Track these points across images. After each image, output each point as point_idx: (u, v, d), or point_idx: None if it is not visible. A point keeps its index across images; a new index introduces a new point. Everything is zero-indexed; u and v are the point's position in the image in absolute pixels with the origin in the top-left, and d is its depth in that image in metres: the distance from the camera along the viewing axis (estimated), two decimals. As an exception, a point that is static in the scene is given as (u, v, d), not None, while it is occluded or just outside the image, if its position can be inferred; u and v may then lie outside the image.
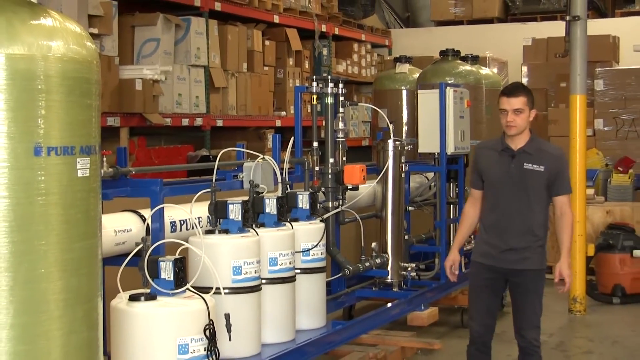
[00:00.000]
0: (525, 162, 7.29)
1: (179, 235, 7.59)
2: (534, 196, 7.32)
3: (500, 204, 7.38)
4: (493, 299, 7.57)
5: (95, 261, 5.55)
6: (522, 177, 7.29)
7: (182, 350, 6.07)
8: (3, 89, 5.06)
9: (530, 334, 7.46)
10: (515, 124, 7.23)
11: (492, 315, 7.59)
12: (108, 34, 11.08)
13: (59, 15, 5.42)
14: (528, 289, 7.44)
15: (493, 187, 7.44)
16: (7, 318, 5.10)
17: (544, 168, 7.29)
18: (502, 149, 7.41)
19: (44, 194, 5.17)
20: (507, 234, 7.33)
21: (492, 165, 7.45)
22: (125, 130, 11.28)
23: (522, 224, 7.33)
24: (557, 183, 7.39)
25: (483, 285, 7.47)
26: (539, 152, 7.36)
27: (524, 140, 7.34)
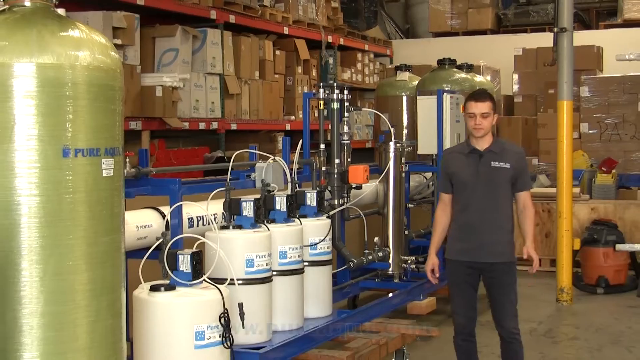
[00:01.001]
0: (492, 161, 7.30)
1: (196, 231, 7.60)
2: (501, 192, 7.33)
3: (472, 202, 7.35)
4: (472, 292, 7.49)
5: (119, 254, 5.56)
6: (490, 174, 7.30)
7: (199, 337, 6.07)
8: (34, 96, 5.07)
9: (510, 323, 7.40)
10: (482, 126, 7.25)
11: (473, 307, 7.53)
12: (131, 44, 11.08)
13: (85, 27, 5.42)
14: (503, 281, 7.39)
15: (464, 188, 7.40)
16: (38, 306, 5.11)
17: (510, 165, 7.30)
18: (469, 151, 7.40)
19: (72, 192, 5.18)
20: (480, 230, 7.30)
21: (462, 167, 7.42)
22: (146, 133, 11.28)
23: (493, 220, 7.32)
24: (520, 180, 7.41)
25: (462, 281, 7.44)
26: (503, 151, 7.37)
27: (488, 141, 7.35)
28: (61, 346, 5.20)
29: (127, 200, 6.03)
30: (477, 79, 13.02)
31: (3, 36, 5.11)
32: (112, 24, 10.63)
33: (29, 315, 5.11)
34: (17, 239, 5.08)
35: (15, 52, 5.06)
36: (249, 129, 13.71)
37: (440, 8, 20.61)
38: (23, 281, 5.10)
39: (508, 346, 7.44)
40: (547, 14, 19.37)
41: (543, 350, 9.75)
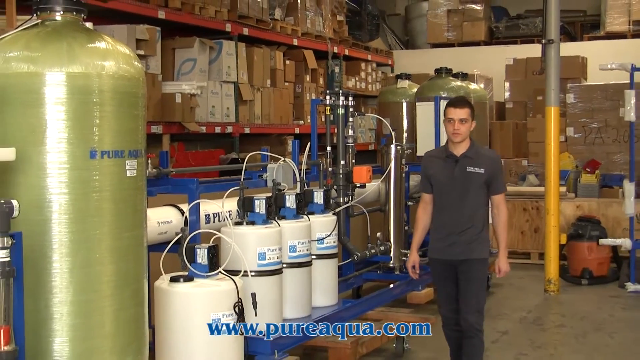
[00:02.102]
0: (467, 166, 7.15)
1: (212, 226, 7.61)
2: (475, 195, 7.18)
3: (447, 204, 7.23)
4: (452, 287, 7.31)
5: (142, 248, 5.58)
6: (465, 179, 7.15)
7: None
8: (64, 102, 5.09)
9: (472, 317, 7.18)
10: (460, 131, 7.11)
11: (456, 300, 7.29)
12: (152, 55, 11.08)
13: (111, 39, 5.44)
14: (472, 277, 7.20)
15: (440, 190, 7.28)
16: (68, 296, 5.14)
17: (484, 170, 7.15)
18: (446, 155, 7.27)
19: (98, 191, 5.20)
20: (454, 230, 7.17)
21: (439, 170, 7.29)
22: (166, 136, 11.28)
23: (466, 221, 7.17)
24: (494, 183, 7.24)
25: (442, 277, 7.35)
26: (478, 156, 7.21)
27: (465, 146, 7.20)
28: (89, 332, 5.22)
29: (149, 198, 6.04)
30: (472, 87, 13.02)
31: (36, 48, 5.13)
32: (135, 36, 10.64)
33: (60, 304, 5.13)
34: (48, 233, 5.10)
35: (47, 62, 5.08)
36: (261, 133, 13.71)
37: (437, 21, 20.60)
38: (54, 272, 5.12)
39: (468, 340, 7.24)
40: (536, 27, 19.36)
41: (532, 337, 9.75)
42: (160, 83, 11.23)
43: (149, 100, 10.32)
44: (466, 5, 20.48)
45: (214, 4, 12.40)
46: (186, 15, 11.83)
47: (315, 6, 15.74)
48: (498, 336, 9.70)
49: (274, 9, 14.33)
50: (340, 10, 17.06)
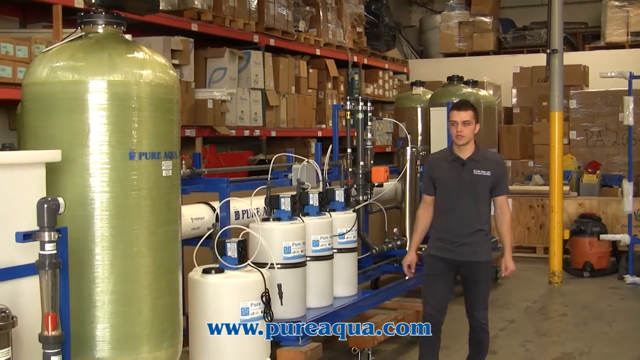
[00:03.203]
0: (474, 169, 6.87)
1: (241, 222, 7.62)
2: (481, 198, 6.90)
3: (454, 206, 6.90)
4: (446, 286, 7.02)
5: (176, 242, 5.60)
6: (473, 182, 6.86)
7: (244, 312, 6.09)
8: (105, 108, 5.11)
9: (480, 314, 6.95)
10: (464, 134, 6.81)
11: (445, 300, 7.04)
12: (186, 64, 11.10)
13: (148, 50, 5.47)
14: (479, 278, 6.94)
15: (447, 192, 6.95)
16: (109, 286, 5.17)
17: (490, 173, 6.87)
18: (452, 159, 6.96)
19: (136, 189, 5.22)
20: (461, 232, 6.87)
21: (446, 173, 6.98)
22: (199, 139, 11.30)
23: (473, 223, 6.87)
24: (499, 185, 6.95)
25: (437, 274, 6.98)
26: (484, 160, 6.93)
27: (471, 150, 6.91)
28: (128, 319, 5.25)
29: (183, 196, 6.06)
30: (481, 93, 13.01)
31: (80, 58, 5.17)
32: (170, 47, 10.67)
33: (101, 293, 5.17)
34: (91, 228, 5.13)
35: (90, 71, 5.11)
36: (286, 136, 13.71)
37: (449, 32, 20.56)
38: (96, 264, 5.15)
39: (476, 335, 7.04)
40: (541, 38, 19.28)
41: (537, 325, 9.74)
42: (194, 90, 11.25)
43: (182, 106, 10.35)
44: (476, 17, 20.43)
45: (243, 17, 12.41)
46: (217, 27, 11.85)
47: (336, 19, 15.74)
48: (505, 325, 9.69)
49: (298, 22, 14.34)
50: (360, 23, 17.05)
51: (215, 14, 11.78)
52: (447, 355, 8.12)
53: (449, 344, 8.25)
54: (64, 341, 4.60)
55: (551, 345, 8.96)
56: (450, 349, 8.25)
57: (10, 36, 8.32)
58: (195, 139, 11.23)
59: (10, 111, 9.16)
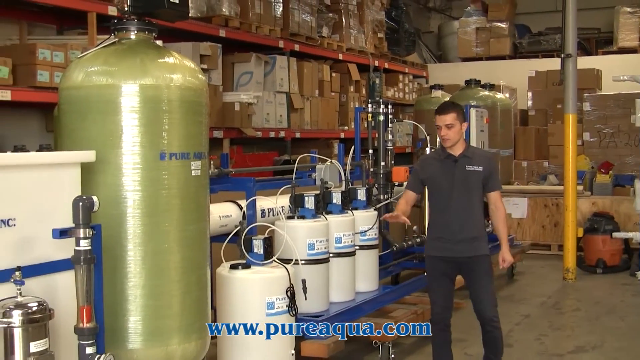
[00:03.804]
0: (466, 165, 6.75)
1: (267, 220, 7.63)
2: (475, 193, 6.78)
3: (449, 204, 6.74)
4: (450, 285, 6.92)
5: (205, 239, 5.62)
6: (465, 178, 6.74)
7: (269, 307, 6.10)
8: (137, 110, 5.14)
9: (490, 312, 6.77)
10: (448, 136, 6.71)
11: (450, 297, 6.95)
12: (214, 68, 11.12)
13: (178, 55, 5.49)
14: (481, 272, 6.79)
15: (441, 190, 6.83)
16: (140, 280, 5.19)
17: (482, 168, 6.76)
18: (444, 157, 6.83)
19: (167, 188, 5.24)
20: (457, 228, 6.70)
21: (438, 172, 6.84)
22: (227, 140, 11.32)
23: (468, 218, 6.75)
24: (491, 181, 6.81)
25: (440, 274, 6.86)
26: (475, 156, 6.83)
27: (461, 147, 6.79)
28: (159, 312, 5.27)
29: (211, 194, 6.08)
30: (498, 96, 12.99)
31: (113, 63, 5.20)
32: (199, 52, 10.69)
33: (134, 287, 5.19)
34: (124, 226, 5.16)
35: (122, 76, 5.13)
36: (310, 137, 13.71)
37: (467, 38, 20.52)
38: (129, 260, 5.18)
39: (489, 334, 6.84)
40: (555, 43, 19.23)
41: (551, 320, 9.71)
42: (221, 93, 11.27)
43: (211, 109, 10.37)
44: (493, 23, 20.41)
45: (268, 23, 12.43)
46: (244, 33, 11.87)
47: (358, 25, 15.73)
48: (521, 319, 9.67)
49: (322, 28, 14.35)
50: (380, 29, 17.04)
51: (242, 20, 11.80)
52: (465, 348, 8.11)
53: (465, 337, 8.25)
54: (98, 333, 4.63)
55: (565, 339, 8.93)
56: (466, 341, 8.24)
57: (48, 42, 8.38)
58: (223, 140, 11.25)
59: (47, 114, 9.22)
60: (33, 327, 4.24)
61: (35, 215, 4.64)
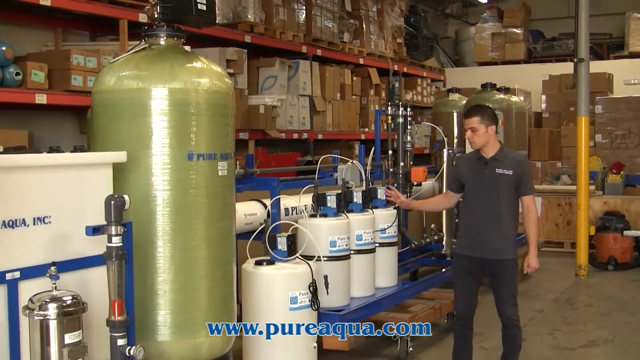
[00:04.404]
0: (496, 168, 6.63)
1: (290, 218, 7.64)
2: (504, 196, 6.63)
3: (477, 204, 6.67)
4: (473, 283, 6.82)
5: (231, 236, 5.64)
6: (494, 180, 6.62)
7: (292, 301, 6.12)
8: (166, 113, 5.16)
9: (509, 311, 6.68)
10: (473, 140, 6.60)
11: (474, 296, 6.86)
12: (240, 73, 11.13)
13: (205, 60, 5.51)
14: (505, 276, 6.68)
15: (471, 190, 6.76)
16: (169, 276, 5.21)
17: (512, 172, 6.60)
18: (477, 158, 6.71)
19: (195, 187, 5.26)
20: (484, 230, 6.61)
21: (470, 172, 6.75)
22: (252, 142, 11.33)
23: (495, 221, 6.63)
24: (523, 185, 6.63)
25: (465, 272, 6.77)
26: (507, 159, 6.67)
27: (494, 149, 6.66)
28: (187, 306, 5.29)
29: (237, 194, 6.09)
30: (513, 99, 12.93)
31: (144, 68, 5.22)
32: (226, 57, 10.71)
33: (163, 282, 5.21)
34: (154, 223, 5.18)
35: (152, 80, 5.16)
36: (332, 139, 13.71)
37: (483, 43, 20.47)
38: (158, 256, 5.20)
39: (508, 331, 6.77)
40: (568, 48, 19.13)
41: (564, 315, 9.68)
42: (247, 97, 11.28)
43: (237, 111, 10.39)
44: (508, 29, 20.35)
45: (292, 29, 12.44)
46: (268, 39, 11.89)
47: (378, 31, 15.72)
48: (535, 314, 9.64)
49: (343, 33, 14.34)
50: (400, 34, 17.01)
51: (266, 26, 11.81)
52: (481, 341, 8.09)
53: (483, 331, 8.23)
54: (128, 325, 4.66)
55: (577, 334, 8.90)
56: (483, 335, 8.23)
57: (81, 48, 8.42)
58: (249, 141, 11.27)
59: (80, 116, 9.26)
60: (67, 319, 4.28)
61: (69, 213, 4.67)
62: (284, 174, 10.17)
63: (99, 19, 9.24)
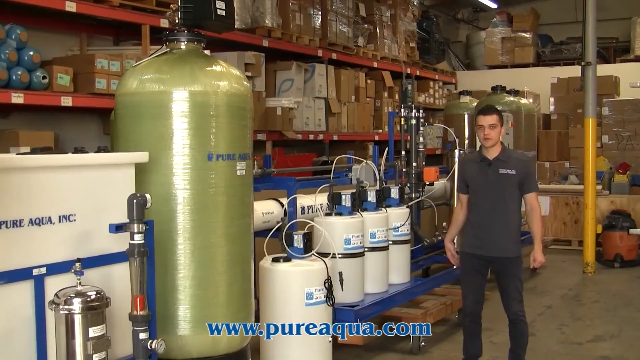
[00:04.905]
0: (500, 168, 6.62)
1: (306, 217, 7.65)
2: (508, 196, 6.63)
3: (482, 204, 6.67)
4: (480, 279, 6.81)
5: (249, 234, 5.64)
6: (499, 180, 6.58)
7: (308, 297, 6.11)
8: (187, 114, 5.16)
9: (516, 307, 6.68)
10: (490, 136, 6.56)
11: (481, 292, 6.86)
12: (258, 76, 11.14)
13: (224, 63, 5.51)
14: (510, 273, 6.67)
15: (476, 191, 6.74)
16: (190, 272, 5.22)
17: (516, 171, 6.61)
18: (480, 159, 6.70)
19: (214, 187, 5.27)
20: (489, 228, 6.62)
21: (474, 173, 6.73)
22: (269, 143, 11.34)
23: (500, 220, 6.59)
24: (526, 183, 6.64)
25: (472, 270, 6.77)
26: (510, 159, 6.67)
27: (497, 150, 6.67)
28: (206, 301, 5.29)
29: (255, 193, 6.09)
30: (522, 101, 12.90)
31: (165, 71, 5.23)
32: (244, 61, 10.71)
33: (183, 278, 5.22)
34: (174, 221, 5.19)
35: (173, 83, 5.16)
36: (347, 140, 13.70)
37: (493, 47, 20.44)
38: (179, 252, 5.20)
39: (515, 326, 6.78)
40: (576, 51, 19.09)
41: (572, 310, 9.66)
42: (264, 99, 11.29)
43: (255, 113, 10.40)
44: (517, 33, 20.31)
45: (308, 33, 12.44)
46: (285, 43, 11.89)
47: (391, 35, 15.70)
48: (543, 310, 9.62)
49: (358, 38, 14.34)
50: (412, 38, 16.99)
51: (283, 31, 11.81)
52: (490, 337, 8.08)
53: (491, 327, 8.21)
54: (150, 320, 4.67)
55: (585, 329, 8.87)
56: (492, 330, 8.21)
57: (105, 53, 8.45)
58: (266, 142, 11.28)
59: (104, 118, 9.29)
60: (92, 313, 4.29)
61: (93, 211, 4.68)
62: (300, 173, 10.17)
63: (122, 25, 9.27)
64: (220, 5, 5.44)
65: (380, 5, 15.23)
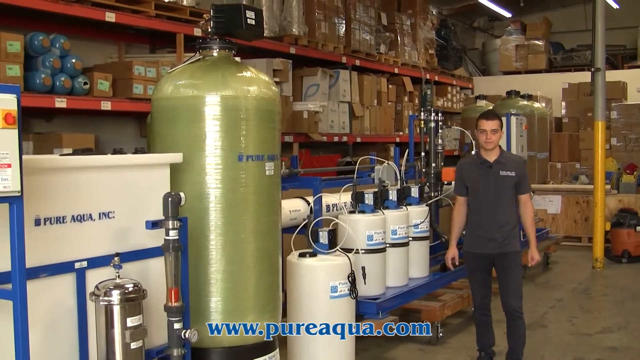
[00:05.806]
0: (500, 170, 6.56)
1: (331, 214, 7.63)
2: (507, 196, 6.58)
3: (484, 205, 6.63)
4: (485, 275, 6.77)
5: (277, 230, 5.61)
6: (499, 182, 6.55)
7: (333, 290, 6.09)
8: (219, 118, 5.15)
9: (514, 302, 6.61)
10: (491, 140, 6.53)
11: (488, 287, 6.80)
12: (286, 81, 11.15)
13: (254, 70, 5.50)
14: (510, 268, 6.61)
15: (476, 193, 6.68)
16: (220, 266, 5.20)
17: (514, 173, 6.58)
18: (480, 162, 6.66)
19: (244, 186, 5.25)
20: (490, 227, 6.57)
21: (475, 176, 6.68)
22: (296, 144, 11.34)
23: (500, 219, 6.56)
24: (521, 185, 6.62)
25: (477, 267, 6.76)
26: (509, 161, 6.63)
27: (496, 154, 6.63)
28: (236, 294, 5.28)
29: (282, 192, 6.08)
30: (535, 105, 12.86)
31: (199, 77, 5.22)
32: (272, 67, 10.73)
33: (215, 272, 5.21)
34: (207, 218, 5.18)
35: (206, 88, 5.15)
36: (369, 141, 13.69)
37: (507, 54, 20.38)
38: (211, 248, 5.19)
39: (512, 322, 6.69)
40: (586, 58, 19.00)
41: (582, 303, 9.59)
42: (292, 103, 11.30)
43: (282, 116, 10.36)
44: (530, 41, 20.25)
45: (333, 41, 12.43)
46: (311, 50, 11.89)
47: (411, 43, 15.67)
48: (555, 303, 9.56)
49: (380, 45, 14.32)
50: (431, 46, 16.95)
51: (309, 39, 11.81)
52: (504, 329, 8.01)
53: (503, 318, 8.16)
54: (184, 311, 4.67)
55: (594, 321, 8.81)
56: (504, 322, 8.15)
57: (142, 60, 8.48)
58: (293, 144, 11.28)
59: (141, 121, 9.33)
60: (129, 305, 4.30)
61: (131, 208, 4.69)
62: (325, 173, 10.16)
63: (158, 34, 9.30)
64: (250, 14, 5.43)
65: (401, 15, 15.21)
